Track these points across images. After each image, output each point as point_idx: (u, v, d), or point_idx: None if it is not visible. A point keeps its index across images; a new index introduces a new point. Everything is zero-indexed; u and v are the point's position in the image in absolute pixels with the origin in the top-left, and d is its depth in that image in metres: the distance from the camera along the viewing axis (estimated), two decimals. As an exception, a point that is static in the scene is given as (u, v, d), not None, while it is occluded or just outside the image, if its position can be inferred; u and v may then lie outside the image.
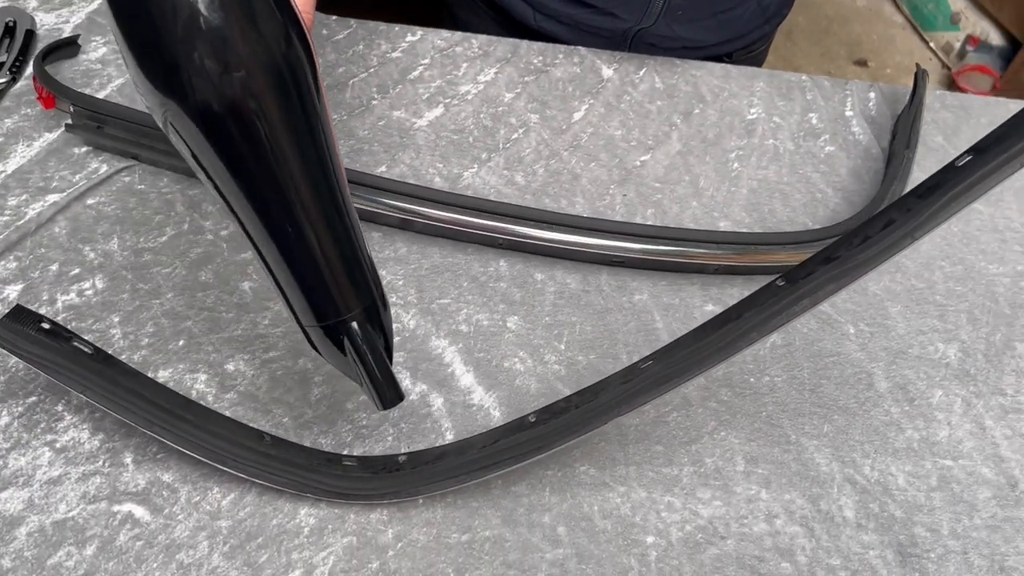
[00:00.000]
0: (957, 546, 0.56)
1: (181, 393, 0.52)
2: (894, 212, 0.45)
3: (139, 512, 0.50)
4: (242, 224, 0.39)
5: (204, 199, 0.64)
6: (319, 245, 0.39)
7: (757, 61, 1.04)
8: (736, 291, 0.67)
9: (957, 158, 0.45)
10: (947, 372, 0.65)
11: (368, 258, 0.42)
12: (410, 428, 0.56)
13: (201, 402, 0.55)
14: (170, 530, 0.49)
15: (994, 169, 0.43)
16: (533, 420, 0.52)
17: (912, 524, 0.57)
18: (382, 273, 0.62)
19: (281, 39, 0.36)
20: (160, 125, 0.38)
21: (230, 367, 0.57)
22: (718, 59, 0.93)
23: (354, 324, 0.42)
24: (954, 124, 0.84)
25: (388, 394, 0.43)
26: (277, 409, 0.55)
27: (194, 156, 0.38)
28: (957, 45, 2.37)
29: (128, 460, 0.52)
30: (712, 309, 0.66)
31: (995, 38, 2.27)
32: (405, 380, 0.58)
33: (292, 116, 0.37)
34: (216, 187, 0.38)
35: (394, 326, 0.60)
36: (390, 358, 0.44)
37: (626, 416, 0.50)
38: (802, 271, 0.47)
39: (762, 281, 0.67)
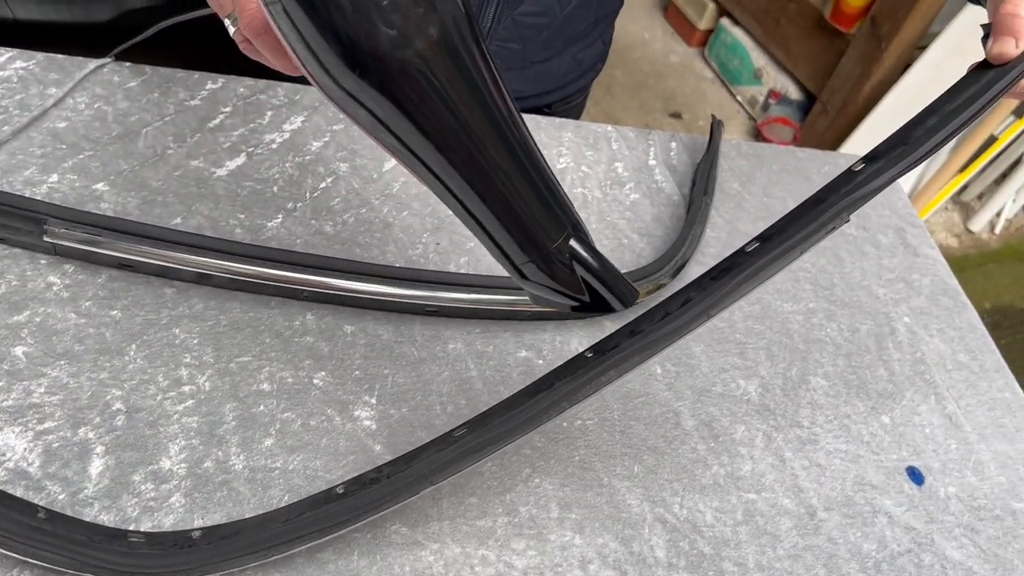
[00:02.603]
0: (762, 577, 0.58)
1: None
2: (691, 291, 0.49)
3: None
4: (445, 185, 0.40)
5: (-28, 257, 0.58)
6: (522, 184, 0.41)
7: (575, 112, 1.07)
8: (548, 336, 0.67)
9: (746, 244, 0.49)
10: (748, 408, 0.67)
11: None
12: (204, 498, 0.52)
13: (-40, 483, 0.49)
14: (-83, 634, 0.44)
15: (778, 256, 0.48)
16: (341, 491, 0.50)
17: (720, 559, 0.58)
18: (175, 331, 0.59)
19: None
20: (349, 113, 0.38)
21: (-3, 442, 0.51)
22: (538, 110, 0.96)
23: (572, 242, 0.43)
24: (749, 171, 0.89)
25: (626, 291, 0.45)
26: (53, 485, 0.50)
27: (395, 136, 0.38)
28: (761, 99, 2.55)
29: None
30: (525, 355, 0.66)
31: (794, 92, 2.46)
32: (199, 446, 0.54)
33: (467, 70, 0.37)
34: (413, 153, 0.39)
35: (187, 388, 0.56)
36: None
37: (433, 470, 0.49)
38: (609, 343, 0.50)
39: (573, 326, 0.68)
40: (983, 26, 0.54)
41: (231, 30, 0.44)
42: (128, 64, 0.73)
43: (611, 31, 0.98)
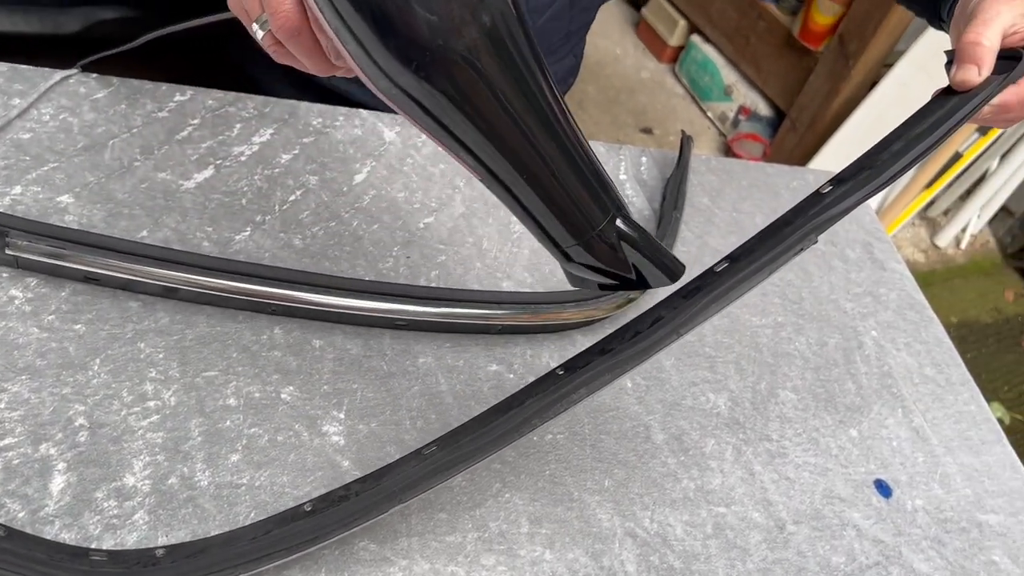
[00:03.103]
0: (732, 591, 0.58)
1: None
2: (662, 310, 0.50)
3: None
4: (494, 174, 0.41)
5: (-69, 270, 0.57)
6: (570, 171, 0.42)
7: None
8: (519, 350, 0.67)
9: (715, 264, 0.50)
10: (718, 421, 0.68)
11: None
12: (168, 515, 0.51)
13: (-84, 502, 0.48)
14: None
15: (746, 276, 0.49)
16: (309, 509, 0.50)
17: (691, 573, 0.58)
18: (140, 346, 0.58)
19: None
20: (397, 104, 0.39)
21: (-46, 459, 0.50)
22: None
23: (618, 222, 0.44)
24: (718, 186, 0.90)
25: (674, 265, 0.46)
26: (12, 503, 0.49)
27: (445, 128, 0.39)
28: (731, 115, 2.57)
29: None
30: (496, 369, 0.65)
31: (763, 109, 2.49)
32: (164, 462, 0.53)
33: (516, 62, 0.38)
34: (463, 144, 0.40)
35: (152, 404, 0.55)
36: None
37: (401, 486, 0.48)
38: (580, 361, 0.50)
39: (544, 340, 0.68)
40: (947, 52, 0.55)
41: (259, 35, 0.44)
42: (95, 75, 0.72)
43: (583, 45, 0.98)
